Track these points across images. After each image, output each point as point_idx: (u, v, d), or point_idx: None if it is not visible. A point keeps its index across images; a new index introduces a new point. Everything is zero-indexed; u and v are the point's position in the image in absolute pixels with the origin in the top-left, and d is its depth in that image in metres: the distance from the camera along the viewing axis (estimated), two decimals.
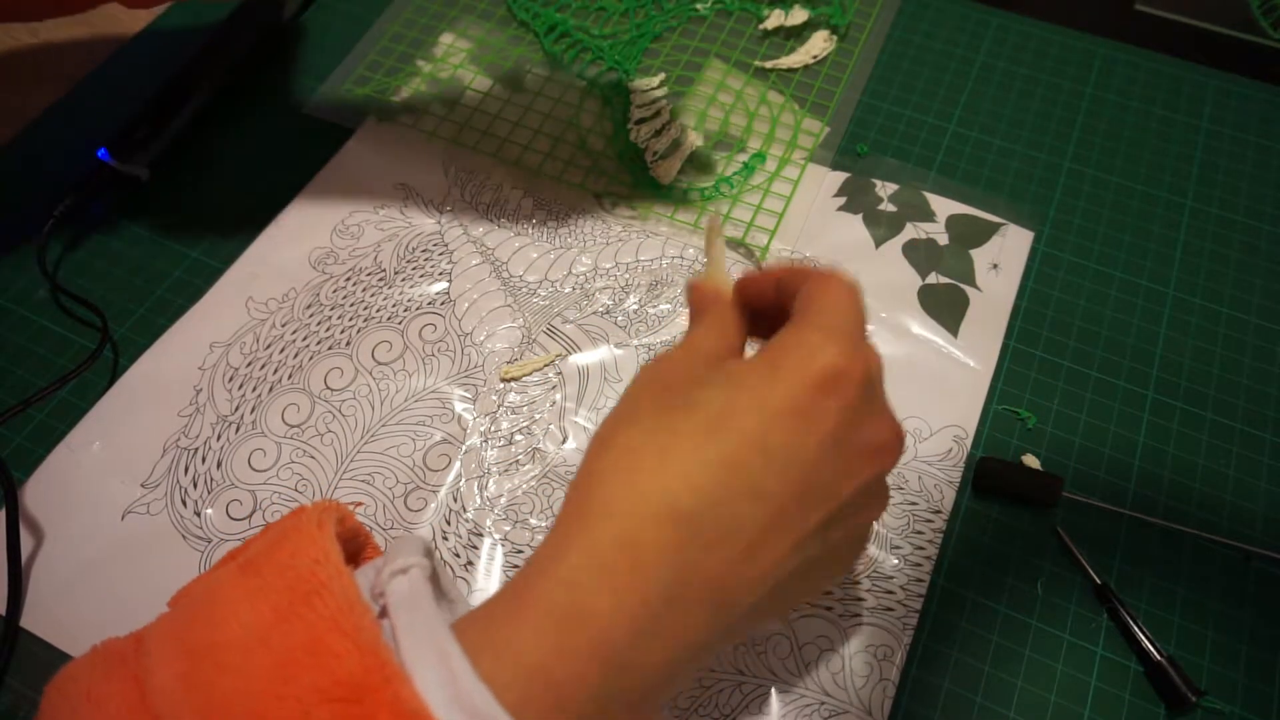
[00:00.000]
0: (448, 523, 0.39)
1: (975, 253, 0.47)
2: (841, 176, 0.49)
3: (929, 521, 0.39)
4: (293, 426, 0.41)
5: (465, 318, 0.45)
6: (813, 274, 0.28)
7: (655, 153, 0.50)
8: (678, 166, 0.49)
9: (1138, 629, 0.36)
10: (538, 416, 0.42)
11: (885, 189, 0.49)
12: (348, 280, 0.46)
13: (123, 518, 0.39)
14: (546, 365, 0.43)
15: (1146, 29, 0.58)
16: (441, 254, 0.47)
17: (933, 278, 0.46)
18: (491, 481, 0.40)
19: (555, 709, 0.21)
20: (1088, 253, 0.47)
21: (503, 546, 0.38)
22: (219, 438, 0.41)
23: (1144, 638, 0.36)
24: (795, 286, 0.28)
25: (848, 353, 0.25)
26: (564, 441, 0.41)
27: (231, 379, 0.43)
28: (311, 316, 0.45)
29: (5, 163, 0.51)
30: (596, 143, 0.51)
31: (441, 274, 0.46)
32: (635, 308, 0.45)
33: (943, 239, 0.47)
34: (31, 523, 0.39)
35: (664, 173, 0.49)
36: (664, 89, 0.53)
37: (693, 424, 0.24)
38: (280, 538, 0.24)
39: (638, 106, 0.52)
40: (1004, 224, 0.48)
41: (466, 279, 0.46)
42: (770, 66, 0.54)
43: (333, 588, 0.22)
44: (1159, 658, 0.36)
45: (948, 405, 0.42)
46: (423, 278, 0.46)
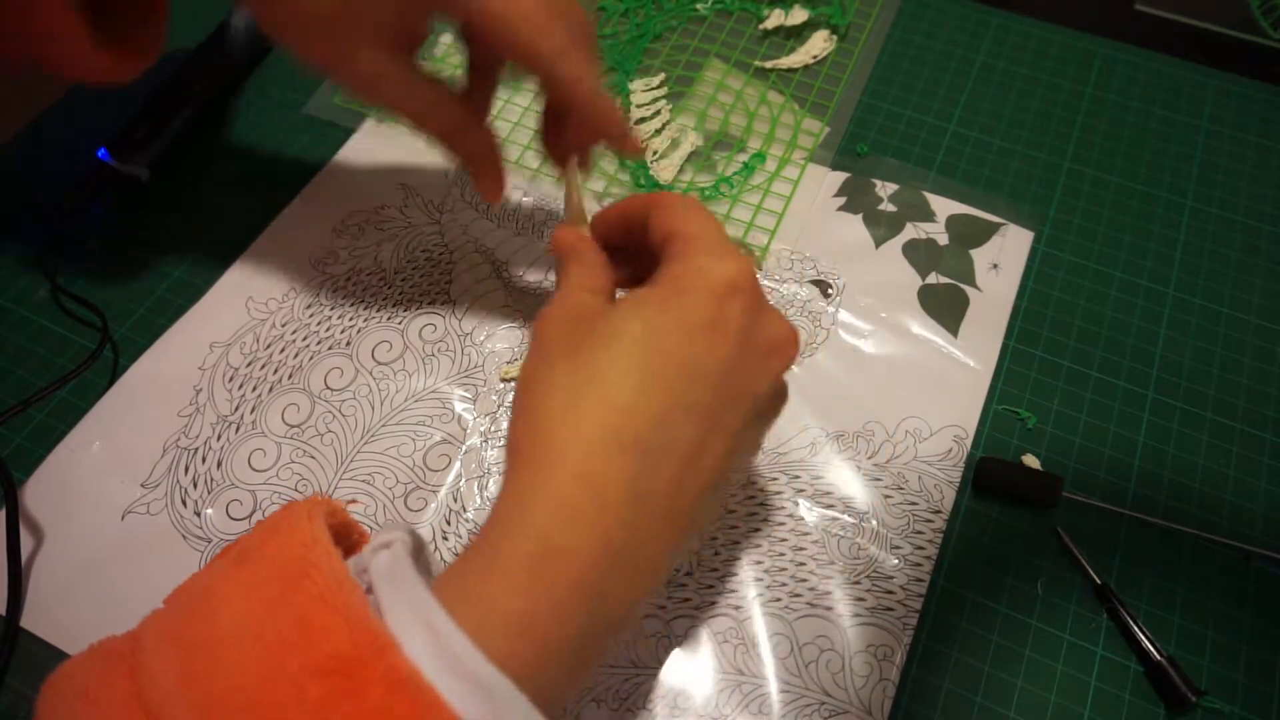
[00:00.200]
0: (448, 523, 0.39)
1: (975, 253, 0.47)
2: (841, 176, 0.49)
3: (929, 521, 0.39)
4: (293, 426, 0.41)
5: (465, 318, 0.45)
6: (653, 202, 0.30)
7: (655, 153, 0.50)
8: (678, 166, 0.49)
9: (1138, 629, 0.36)
10: None
11: (885, 189, 0.49)
12: (348, 280, 0.46)
13: (123, 518, 0.39)
14: None
15: (1146, 29, 0.58)
16: (441, 254, 0.47)
17: (933, 278, 0.46)
18: (492, 481, 0.40)
19: (539, 654, 0.22)
20: (1088, 253, 0.47)
21: None
22: (219, 438, 0.41)
23: (1144, 638, 0.36)
24: (639, 217, 0.31)
25: (737, 263, 0.28)
26: None
27: (231, 379, 0.43)
28: (311, 316, 0.45)
29: (5, 163, 0.51)
30: None
31: (441, 274, 0.46)
32: None
33: (943, 239, 0.47)
34: (31, 523, 0.39)
35: (664, 173, 0.49)
36: (664, 89, 0.53)
37: (619, 354, 0.26)
38: (271, 531, 0.24)
39: (638, 106, 0.52)
40: (1004, 224, 0.48)
41: (466, 279, 0.46)
42: (770, 66, 0.54)
43: (321, 567, 0.22)
44: (1159, 658, 0.36)
45: (948, 405, 0.42)
46: (423, 278, 0.46)
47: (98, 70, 0.37)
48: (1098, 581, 0.38)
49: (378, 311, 0.45)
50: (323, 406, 0.42)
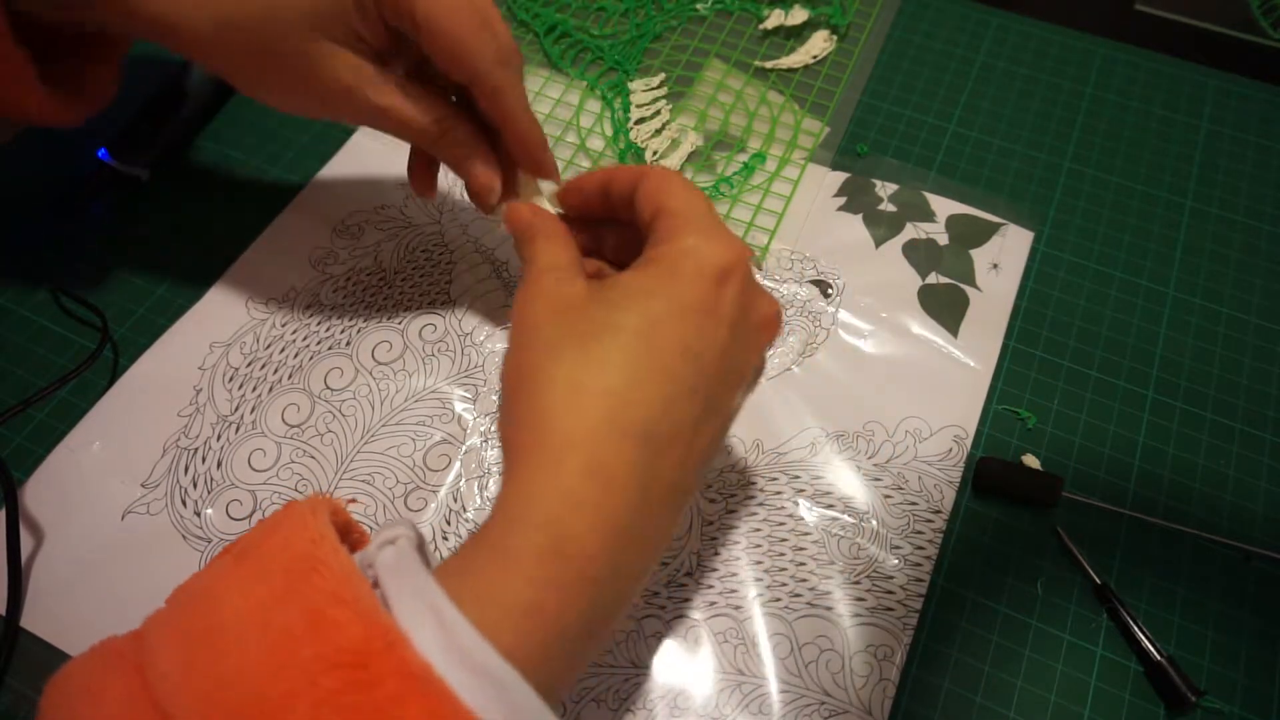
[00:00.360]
0: (448, 523, 0.39)
1: (975, 253, 0.47)
2: (841, 176, 0.49)
3: (929, 521, 0.39)
4: (293, 426, 0.41)
5: (465, 318, 0.45)
6: (640, 175, 0.30)
7: (655, 153, 0.50)
8: (678, 166, 0.49)
9: (1137, 629, 0.36)
10: None
11: (885, 189, 0.49)
12: (348, 280, 0.46)
13: (123, 518, 0.39)
14: None
15: (1146, 29, 0.58)
16: (441, 254, 0.47)
17: (933, 278, 0.46)
18: (492, 481, 0.40)
19: (546, 643, 0.23)
20: (1088, 253, 0.47)
21: None
22: (219, 438, 0.41)
23: (1144, 638, 0.36)
24: (625, 188, 0.31)
25: (731, 246, 0.28)
26: None
27: (231, 379, 0.43)
28: (311, 316, 0.45)
29: (5, 163, 0.51)
30: (596, 143, 0.51)
31: (441, 274, 0.46)
32: None
33: (943, 239, 0.47)
34: (31, 523, 0.39)
35: None
36: (664, 89, 0.53)
37: (620, 345, 0.26)
38: (273, 527, 0.24)
39: (638, 106, 0.52)
40: (1004, 224, 0.48)
41: (466, 279, 0.46)
42: (770, 66, 0.54)
43: (330, 563, 0.22)
44: (1159, 658, 0.36)
45: (948, 405, 0.42)
46: (423, 278, 0.46)
47: (48, 114, 0.37)
48: (1098, 581, 0.38)
49: (378, 311, 0.45)
50: (323, 406, 0.42)
